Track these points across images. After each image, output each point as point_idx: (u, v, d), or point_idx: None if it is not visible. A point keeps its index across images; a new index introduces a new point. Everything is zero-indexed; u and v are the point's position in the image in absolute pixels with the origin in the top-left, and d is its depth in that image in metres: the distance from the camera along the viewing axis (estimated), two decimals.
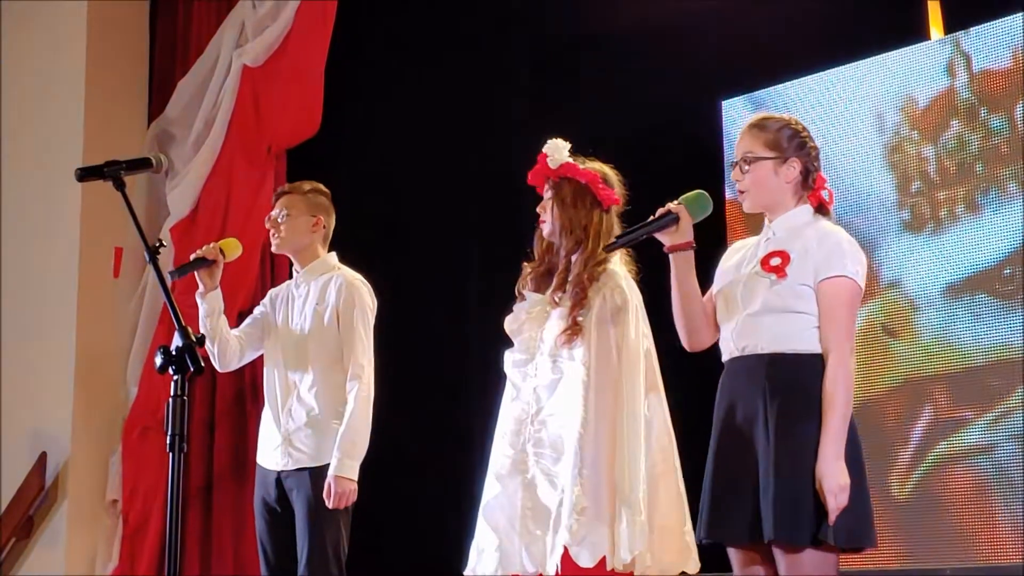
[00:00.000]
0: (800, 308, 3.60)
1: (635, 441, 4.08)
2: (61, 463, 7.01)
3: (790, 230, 3.71)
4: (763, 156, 3.72)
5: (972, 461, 5.68)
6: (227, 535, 6.85)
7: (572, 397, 4.15)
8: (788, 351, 3.59)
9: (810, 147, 3.75)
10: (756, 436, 3.57)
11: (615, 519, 4.02)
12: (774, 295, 3.62)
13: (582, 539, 4.01)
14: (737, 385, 3.67)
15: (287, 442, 4.80)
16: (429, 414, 6.91)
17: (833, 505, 3.43)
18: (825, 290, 3.60)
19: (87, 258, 7.14)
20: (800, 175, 3.73)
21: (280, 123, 6.84)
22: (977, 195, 5.82)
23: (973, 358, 5.72)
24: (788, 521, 3.47)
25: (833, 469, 3.45)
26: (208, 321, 4.85)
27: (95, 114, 7.25)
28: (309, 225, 4.98)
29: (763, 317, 3.63)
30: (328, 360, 4.82)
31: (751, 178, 3.74)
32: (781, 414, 3.54)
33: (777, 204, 3.75)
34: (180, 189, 7.02)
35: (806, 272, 3.62)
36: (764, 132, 3.75)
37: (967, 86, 5.93)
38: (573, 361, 4.18)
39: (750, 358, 3.65)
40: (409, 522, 6.84)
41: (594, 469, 4.05)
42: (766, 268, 3.66)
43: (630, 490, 4.03)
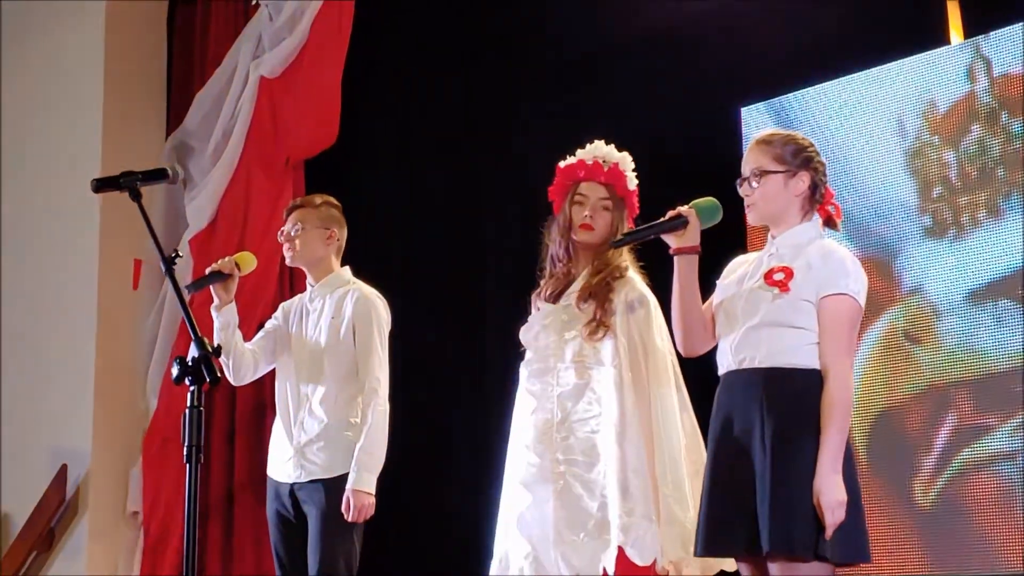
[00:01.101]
0: (800, 323, 3.62)
1: (673, 439, 4.15)
2: (82, 475, 7.03)
3: (794, 247, 3.73)
4: (773, 170, 3.74)
5: (996, 468, 5.63)
6: (248, 547, 6.85)
7: (604, 400, 4.17)
8: (786, 365, 3.61)
9: (817, 162, 3.79)
10: (753, 449, 3.58)
11: (668, 518, 4.04)
12: (775, 309, 3.64)
13: (636, 539, 4.07)
14: (734, 398, 3.67)
15: (300, 454, 4.80)
16: (442, 425, 6.89)
17: (831, 520, 3.45)
18: (826, 307, 3.62)
19: (106, 270, 7.15)
20: (808, 189, 3.76)
21: (298, 134, 6.85)
22: (999, 199, 5.78)
23: (997, 364, 5.68)
24: (785, 534, 3.48)
25: (830, 484, 3.47)
26: (223, 335, 4.85)
27: (113, 127, 7.27)
28: (323, 238, 4.98)
29: (762, 331, 3.64)
30: (342, 373, 4.83)
31: (760, 192, 3.76)
32: (778, 427, 3.55)
33: (783, 217, 3.77)
34: (198, 201, 7.04)
35: (808, 288, 3.64)
36: (772, 147, 3.78)
37: (987, 90, 5.89)
38: (602, 365, 4.20)
39: (747, 372, 3.66)
40: (421, 534, 6.82)
41: (637, 468, 4.09)
42: (769, 282, 3.68)
43: (676, 488, 4.06)
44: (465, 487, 6.19)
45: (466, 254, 7.06)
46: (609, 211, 4.40)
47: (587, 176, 4.43)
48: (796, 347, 3.60)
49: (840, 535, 3.47)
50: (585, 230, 4.38)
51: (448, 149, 7.06)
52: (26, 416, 7.31)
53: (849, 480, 3.53)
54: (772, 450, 3.53)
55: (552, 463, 4.20)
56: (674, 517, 4.06)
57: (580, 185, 4.43)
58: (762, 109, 6.68)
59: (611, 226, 4.39)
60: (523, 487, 4.25)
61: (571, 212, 4.40)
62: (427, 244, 7.16)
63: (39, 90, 7.60)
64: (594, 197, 4.41)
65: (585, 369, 4.25)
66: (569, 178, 4.46)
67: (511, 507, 4.30)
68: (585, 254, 4.41)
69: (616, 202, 4.41)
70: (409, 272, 6.96)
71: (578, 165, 4.46)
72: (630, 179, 4.46)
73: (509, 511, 4.31)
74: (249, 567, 6.84)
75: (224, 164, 6.99)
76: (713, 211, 3.84)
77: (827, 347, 3.59)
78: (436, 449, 6.90)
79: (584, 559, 4.10)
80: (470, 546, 4.54)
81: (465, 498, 5.93)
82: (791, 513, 3.47)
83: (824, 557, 3.48)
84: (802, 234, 3.75)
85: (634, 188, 4.46)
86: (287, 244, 4.97)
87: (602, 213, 4.39)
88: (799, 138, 3.81)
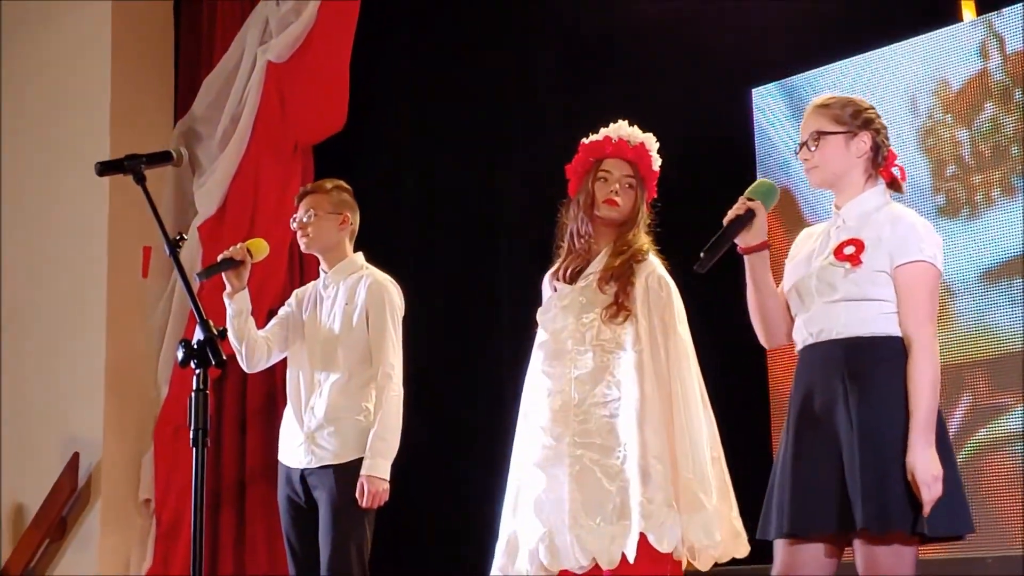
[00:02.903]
0: (877, 295, 3.50)
1: (695, 424, 4.12)
2: (94, 463, 7.03)
3: (860, 216, 3.60)
4: (832, 131, 3.62)
5: (1013, 448, 5.60)
6: (260, 534, 6.84)
7: (624, 384, 4.14)
8: (866, 334, 3.50)
9: (878, 123, 3.65)
10: (838, 422, 3.47)
11: (692, 505, 4.03)
12: (851, 284, 3.52)
13: (658, 525, 4.02)
14: (813, 372, 3.56)
15: (310, 440, 4.78)
16: (456, 412, 6.88)
17: (928, 497, 3.33)
18: (903, 275, 3.50)
19: (116, 258, 7.15)
20: (871, 150, 3.63)
21: (306, 119, 6.83)
22: (1013, 178, 5.74)
23: (1012, 343, 5.64)
24: (880, 510, 3.37)
25: (924, 460, 3.35)
26: (236, 322, 4.83)
27: (121, 113, 7.27)
28: (336, 223, 4.95)
29: (838, 306, 3.53)
30: (355, 359, 4.80)
31: (820, 154, 3.63)
32: (863, 399, 3.44)
33: (846, 181, 3.64)
34: (207, 187, 7.02)
35: (881, 259, 3.51)
36: (830, 109, 3.65)
37: (1001, 68, 5.85)
38: (622, 349, 4.17)
39: (826, 344, 3.55)
40: (433, 520, 6.81)
41: (659, 454, 4.07)
42: (840, 257, 3.55)
43: (698, 474, 4.04)
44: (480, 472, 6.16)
45: (478, 238, 7.03)
46: (633, 189, 4.36)
47: (613, 153, 4.38)
48: (874, 317, 3.49)
49: (939, 509, 3.35)
50: (610, 206, 4.33)
51: (458, 133, 7.03)
52: (37, 405, 7.31)
53: (944, 451, 3.42)
54: (859, 423, 3.42)
55: (569, 446, 4.16)
56: (698, 503, 4.03)
57: (604, 162, 4.38)
58: (774, 90, 6.65)
59: (634, 204, 4.34)
60: (538, 469, 4.21)
61: (594, 188, 4.35)
62: (438, 229, 7.14)
63: (47, 77, 7.59)
64: (619, 174, 4.36)
65: (604, 353, 4.21)
66: (593, 154, 4.41)
67: (522, 488, 4.26)
68: (606, 232, 4.37)
69: (639, 181, 4.37)
70: (421, 257, 6.94)
71: (604, 141, 4.41)
72: (655, 159, 4.41)
73: (519, 492, 4.27)
74: (262, 556, 6.83)
75: (232, 150, 6.97)
76: (772, 192, 3.69)
77: (908, 316, 3.47)
78: (450, 434, 6.88)
79: (600, 544, 4.07)
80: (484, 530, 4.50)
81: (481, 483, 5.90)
82: (885, 488, 3.36)
83: (922, 533, 3.38)
84: (868, 201, 3.62)
85: (657, 170, 4.41)
86: (300, 231, 4.94)
87: (627, 191, 4.35)
88: (858, 100, 3.68)
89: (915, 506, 3.36)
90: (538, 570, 4.16)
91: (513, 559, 4.23)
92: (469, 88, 7.08)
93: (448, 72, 7.12)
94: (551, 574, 4.17)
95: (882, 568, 3.42)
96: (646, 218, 4.37)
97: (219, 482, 6.92)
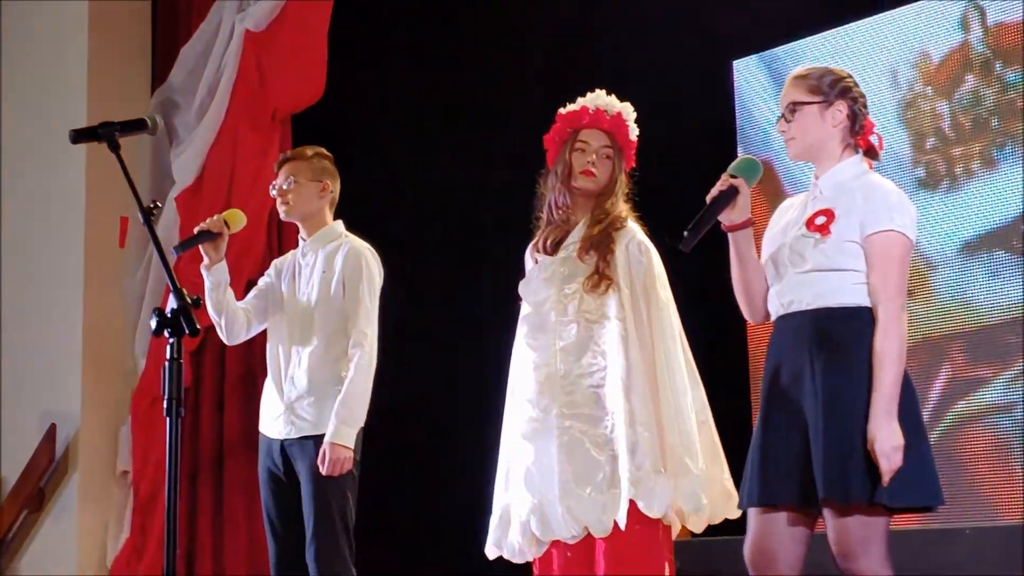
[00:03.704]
0: (847, 265, 3.49)
1: (679, 389, 4.12)
2: (71, 435, 7.00)
3: (837, 186, 3.58)
4: (808, 101, 3.60)
5: (991, 420, 5.62)
6: (239, 507, 6.83)
7: (609, 353, 4.13)
8: (834, 305, 3.49)
9: (855, 92, 3.63)
10: (804, 393, 3.47)
11: (679, 470, 4.03)
12: (820, 254, 3.51)
13: (647, 491, 4.02)
14: (783, 343, 3.57)
15: (290, 411, 4.74)
16: (440, 382, 6.86)
17: (887, 467, 3.33)
18: (873, 245, 3.48)
19: (92, 228, 7.11)
20: (847, 119, 3.61)
21: (284, 88, 6.78)
22: (993, 150, 5.74)
23: (991, 316, 5.65)
24: (840, 480, 3.37)
25: (885, 430, 3.35)
26: (214, 294, 4.78)
27: (98, 83, 7.21)
28: (317, 191, 4.90)
29: (809, 276, 3.53)
30: (333, 328, 4.76)
31: (796, 125, 3.62)
32: (828, 370, 3.44)
33: (823, 150, 3.62)
34: (184, 157, 6.98)
35: (852, 228, 3.50)
36: (807, 80, 3.63)
37: (981, 40, 5.84)
38: (606, 319, 4.17)
39: (796, 315, 3.55)
40: (420, 490, 6.80)
41: (646, 422, 4.07)
42: (811, 228, 3.55)
43: (684, 439, 4.05)
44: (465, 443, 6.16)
45: (458, 207, 7.01)
46: (611, 159, 4.33)
47: (590, 123, 4.36)
48: (844, 288, 3.48)
49: (901, 480, 3.35)
50: (587, 177, 4.31)
51: (438, 102, 7.00)
52: (14, 377, 7.28)
53: (909, 419, 3.41)
54: (824, 393, 3.42)
55: (557, 418, 4.16)
56: (686, 468, 4.04)
57: (581, 132, 4.36)
58: (754, 62, 6.63)
59: (612, 175, 4.32)
60: (526, 441, 4.21)
61: (571, 159, 4.33)
62: (418, 198, 7.11)
63: (23, 48, 7.53)
64: (596, 144, 4.33)
65: (588, 323, 4.20)
66: (570, 124, 4.39)
67: (512, 462, 4.26)
68: (584, 203, 4.35)
69: (616, 151, 4.35)
70: (401, 226, 6.91)
71: (580, 112, 4.38)
72: (632, 129, 4.39)
73: (510, 466, 4.27)
74: (241, 528, 6.82)
75: (210, 120, 6.93)
76: (755, 168, 3.69)
77: (876, 286, 3.46)
78: (434, 405, 6.88)
79: (591, 513, 4.08)
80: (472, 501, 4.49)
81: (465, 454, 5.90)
82: (846, 459, 3.36)
83: (881, 504, 3.37)
84: (845, 171, 3.60)
85: (634, 140, 4.39)
86: (280, 198, 4.89)
87: (604, 161, 4.32)
88: (836, 70, 3.66)
89: (876, 477, 3.36)
90: (530, 541, 4.18)
91: (506, 532, 4.24)
92: (450, 57, 7.05)
93: (429, 40, 7.09)
94: (543, 545, 4.18)
95: (851, 538, 3.42)
96: (625, 187, 4.35)
97: (197, 454, 6.91)
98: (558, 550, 4.16)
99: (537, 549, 4.19)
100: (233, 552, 6.83)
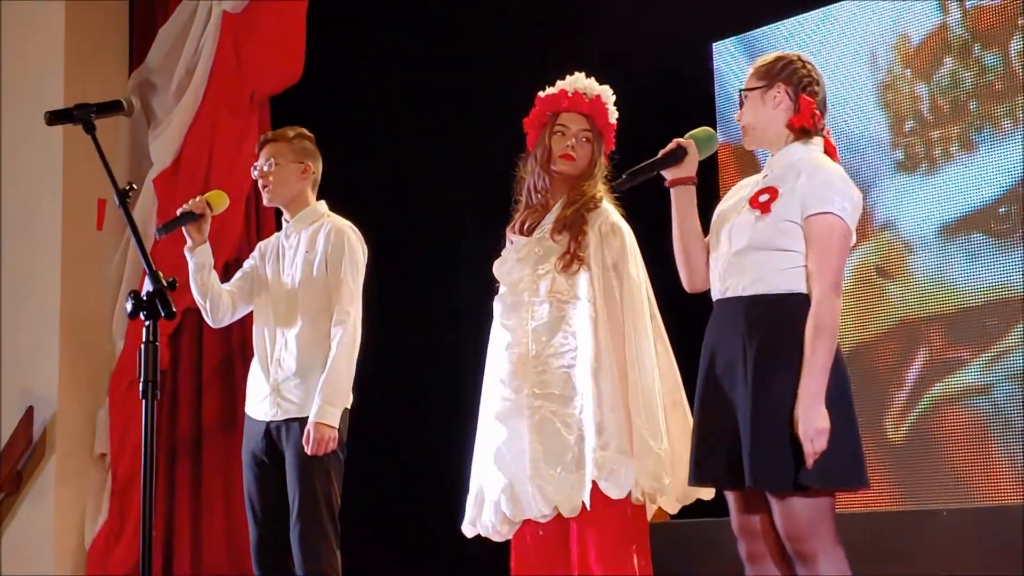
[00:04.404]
0: (784, 245, 3.50)
1: (647, 372, 4.13)
2: (49, 417, 6.98)
3: (786, 167, 3.60)
4: (752, 87, 3.65)
5: (969, 402, 5.64)
6: (217, 490, 6.82)
7: (580, 334, 4.14)
8: (769, 292, 3.51)
9: (800, 74, 3.64)
10: (736, 380, 3.50)
11: (642, 451, 4.03)
12: (757, 232, 3.53)
13: (610, 473, 4.04)
14: (720, 328, 3.60)
15: (276, 392, 4.72)
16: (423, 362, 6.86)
17: (809, 449, 3.35)
18: (811, 227, 3.49)
19: (70, 211, 7.08)
20: (790, 101, 3.62)
21: (262, 70, 6.75)
22: (971, 133, 5.75)
23: (969, 298, 5.67)
24: (765, 467, 3.41)
25: (810, 413, 3.36)
26: (198, 276, 4.76)
27: (75, 65, 7.18)
28: (298, 172, 4.87)
29: (747, 255, 3.55)
30: (317, 309, 4.74)
31: (745, 111, 3.68)
32: (759, 356, 3.46)
33: (771, 134, 3.65)
34: (162, 139, 6.95)
35: (792, 208, 3.51)
36: (756, 67, 3.69)
37: (960, 22, 5.85)
38: (577, 299, 4.17)
39: (732, 300, 3.58)
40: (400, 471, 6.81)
41: (613, 403, 4.09)
42: (753, 205, 3.58)
43: (649, 421, 4.05)
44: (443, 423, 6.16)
45: (439, 187, 7.00)
46: (590, 143, 4.33)
47: (569, 107, 4.35)
48: (780, 271, 3.50)
49: (827, 461, 3.37)
50: (566, 161, 4.31)
51: (417, 83, 6.98)
52: None
53: (840, 402, 3.43)
54: (753, 380, 3.45)
55: (528, 398, 4.17)
56: (648, 449, 4.05)
57: (561, 115, 4.35)
58: (734, 44, 6.62)
59: (591, 159, 4.32)
60: (498, 421, 4.23)
61: (551, 143, 4.32)
62: (398, 178, 7.09)
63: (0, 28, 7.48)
64: (575, 128, 4.33)
65: (560, 303, 4.20)
66: (549, 108, 4.38)
67: (487, 442, 4.27)
68: (563, 186, 4.35)
69: (596, 135, 4.34)
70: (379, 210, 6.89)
71: (560, 95, 4.37)
72: (611, 112, 4.38)
73: (485, 446, 4.28)
74: (218, 511, 6.81)
75: (187, 101, 6.90)
76: (710, 140, 3.78)
77: (812, 269, 3.47)
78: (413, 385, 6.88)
79: (561, 493, 4.09)
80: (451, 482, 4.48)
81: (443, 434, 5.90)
82: (772, 445, 3.39)
83: (805, 487, 3.39)
84: (794, 152, 3.62)
85: (614, 123, 4.38)
86: (262, 180, 4.87)
87: (583, 145, 4.32)
88: (786, 54, 3.69)
89: (802, 461, 3.37)
90: (502, 520, 4.19)
91: (481, 511, 4.26)
92: (429, 38, 7.03)
93: (408, 21, 7.06)
94: (515, 524, 4.19)
95: (797, 521, 3.45)
96: (604, 170, 4.34)
97: (175, 437, 6.90)
98: (530, 529, 4.18)
99: (510, 528, 4.20)
100: (211, 535, 6.82)
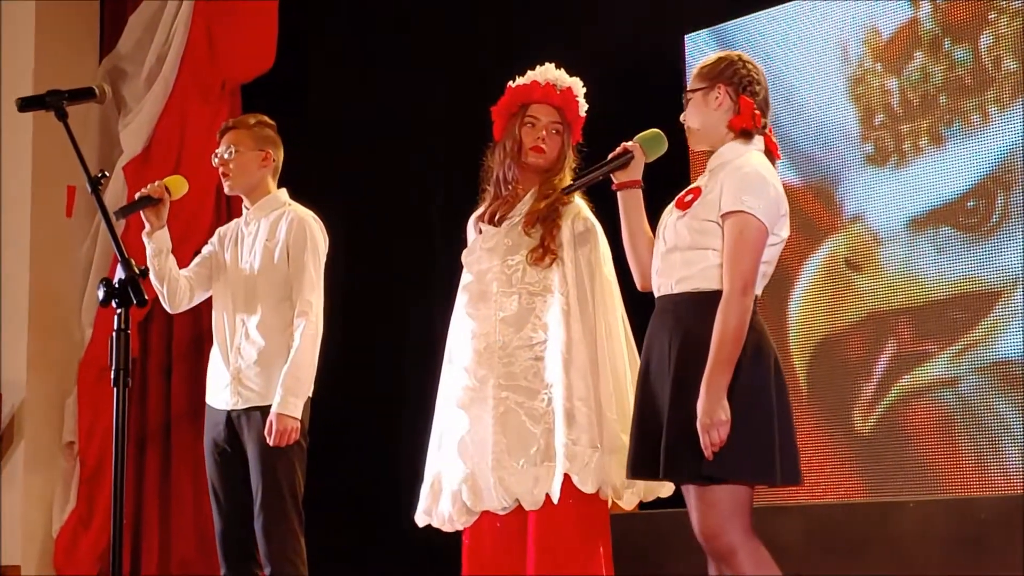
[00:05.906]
0: (704, 244, 3.53)
1: (619, 367, 4.14)
2: (17, 404, 6.95)
3: (719, 167, 3.62)
4: (694, 88, 3.67)
5: (936, 394, 5.67)
6: (186, 478, 6.82)
7: (550, 327, 4.14)
8: (692, 290, 3.55)
9: (742, 74, 3.64)
10: (664, 377, 3.54)
11: (613, 446, 4.04)
12: (678, 232, 3.59)
13: (583, 466, 4.04)
14: (655, 326, 3.65)
15: (236, 381, 4.70)
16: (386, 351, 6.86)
17: (705, 441, 3.37)
18: (725, 226, 3.51)
19: (39, 198, 7.06)
20: (732, 101, 3.64)
21: (234, 58, 6.75)
22: (941, 127, 5.78)
23: (937, 291, 5.70)
24: (673, 459, 3.45)
25: (707, 405, 3.38)
26: (155, 261, 4.72)
27: (45, 52, 7.15)
28: (258, 160, 4.84)
29: (673, 255, 3.59)
30: (277, 298, 4.72)
31: (687, 113, 3.70)
32: (680, 353, 3.51)
33: (713, 135, 3.66)
34: (133, 127, 6.93)
35: (711, 207, 3.54)
36: (700, 68, 3.70)
37: (931, 17, 5.87)
38: (548, 292, 4.17)
39: (663, 298, 3.63)
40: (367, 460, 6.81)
41: (584, 398, 4.08)
42: (678, 205, 3.63)
43: (620, 414, 4.07)
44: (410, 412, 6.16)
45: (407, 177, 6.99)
46: (560, 135, 4.32)
47: (540, 98, 4.34)
48: (701, 270, 3.53)
49: (733, 454, 3.38)
50: (536, 153, 4.30)
51: (389, 70, 6.97)
52: None
53: (756, 397, 3.44)
54: (673, 376, 3.50)
55: (493, 388, 4.16)
56: (619, 444, 4.05)
57: (531, 107, 4.34)
58: (706, 36, 6.64)
59: (560, 150, 4.32)
60: (461, 410, 4.21)
61: (521, 134, 4.31)
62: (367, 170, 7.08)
63: None
64: (546, 120, 4.32)
65: (531, 295, 4.20)
66: (520, 99, 4.36)
67: (446, 430, 4.25)
68: (532, 178, 4.34)
69: (565, 126, 4.34)
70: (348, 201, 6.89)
71: (531, 86, 4.35)
72: (581, 104, 4.38)
73: (443, 434, 4.27)
74: (187, 498, 6.81)
75: (158, 89, 6.89)
76: (657, 142, 3.80)
77: (724, 269, 3.49)
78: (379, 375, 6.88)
79: (523, 486, 4.08)
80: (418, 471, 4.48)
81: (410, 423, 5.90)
82: (680, 437, 3.43)
83: (708, 478, 3.42)
84: (726, 152, 3.63)
85: (583, 115, 4.38)
86: (222, 168, 4.84)
87: (553, 137, 4.31)
88: (726, 54, 3.70)
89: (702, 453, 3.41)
90: (460, 511, 4.17)
91: (437, 500, 4.24)
92: (402, 26, 7.02)
93: (380, 8, 7.05)
94: (474, 515, 4.18)
95: (706, 516, 3.48)
96: (572, 162, 4.34)
97: (144, 425, 6.88)
98: (488, 520, 4.16)
99: (467, 519, 4.17)
100: (180, 523, 6.82)
